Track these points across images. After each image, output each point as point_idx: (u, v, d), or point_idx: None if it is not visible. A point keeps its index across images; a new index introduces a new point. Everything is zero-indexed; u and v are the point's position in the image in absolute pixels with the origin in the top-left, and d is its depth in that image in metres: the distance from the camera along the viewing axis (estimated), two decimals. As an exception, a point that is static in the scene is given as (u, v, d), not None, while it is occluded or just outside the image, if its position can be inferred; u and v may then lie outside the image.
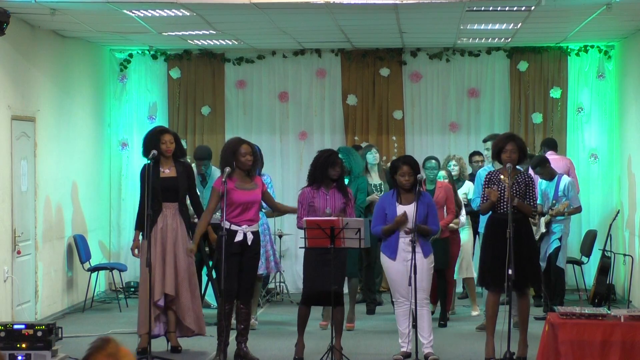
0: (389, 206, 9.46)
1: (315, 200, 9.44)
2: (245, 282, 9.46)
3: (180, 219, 9.74)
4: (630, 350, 8.32)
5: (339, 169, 9.50)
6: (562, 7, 10.74)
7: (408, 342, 9.49)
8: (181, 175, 9.76)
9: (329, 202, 9.44)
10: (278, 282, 13.72)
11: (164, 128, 10.19)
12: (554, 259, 11.99)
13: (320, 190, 9.48)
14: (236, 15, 11.24)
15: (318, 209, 9.40)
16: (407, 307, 9.46)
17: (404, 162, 9.45)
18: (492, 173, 9.68)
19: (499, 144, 9.53)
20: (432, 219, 9.44)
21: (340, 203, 9.45)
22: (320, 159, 9.54)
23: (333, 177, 9.46)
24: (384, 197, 9.78)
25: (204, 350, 10.02)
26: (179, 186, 9.72)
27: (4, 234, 10.93)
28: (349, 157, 11.33)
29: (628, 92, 13.36)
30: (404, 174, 9.37)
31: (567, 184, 12.15)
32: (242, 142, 9.47)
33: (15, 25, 10.79)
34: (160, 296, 9.64)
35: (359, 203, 11.24)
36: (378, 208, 9.63)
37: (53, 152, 12.37)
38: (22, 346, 8.90)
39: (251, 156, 9.39)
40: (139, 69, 14.86)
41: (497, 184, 9.47)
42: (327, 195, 9.46)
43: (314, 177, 9.54)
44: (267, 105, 14.82)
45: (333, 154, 9.60)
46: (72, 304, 12.99)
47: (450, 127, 14.67)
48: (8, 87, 11.12)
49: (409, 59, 14.68)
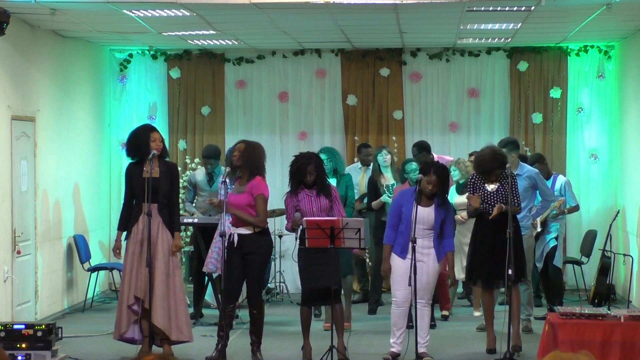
0: (406, 204, 9.40)
1: (301, 203, 9.49)
2: (249, 285, 9.44)
3: (161, 220, 9.48)
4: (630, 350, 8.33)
5: (311, 176, 9.48)
6: (562, 7, 10.74)
7: (400, 343, 9.52)
8: (164, 175, 9.52)
9: (314, 203, 9.45)
10: (278, 282, 13.72)
11: (152, 126, 9.92)
12: (551, 259, 12.00)
13: (303, 192, 9.50)
14: (236, 15, 11.24)
15: (305, 211, 9.43)
16: (405, 308, 9.49)
17: (435, 172, 9.38)
18: (475, 178, 9.83)
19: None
20: (448, 228, 9.45)
21: (325, 203, 9.46)
22: (292, 170, 9.60)
23: (309, 182, 9.48)
24: (403, 193, 9.69)
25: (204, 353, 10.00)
26: (160, 187, 9.46)
27: (4, 234, 10.93)
28: (333, 157, 11.33)
29: (628, 92, 13.36)
30: (431, 183, 9.34)
31: (563, 183, 12.18)
32: (236, 146, 9.52)
33: (15, 25, 10.79)
34: (133, 300, 9.40)
35: (350, 200, 11.25)
36: (395, 204, 9.58)
37: (53, 152, 12.37)
38: (22, 346, 8.91)
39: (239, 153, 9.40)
40: (139, 69, 14.85)
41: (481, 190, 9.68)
42: (311, 197, 9.48)
43: (292, 183, 9.59)
44: (267, 105, 14.82)
45: (302, 165, 9.53)
46: (72, 304, 12.98)
47: (450, 127, 14.67)
48: (8, 87, 11.12)
49: (409, 59, 14.67)
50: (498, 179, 9.71)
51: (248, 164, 9.41)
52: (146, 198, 9.34)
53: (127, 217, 9.55)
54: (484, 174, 9.79)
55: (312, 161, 9.54)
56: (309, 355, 9.54)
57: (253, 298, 9.47)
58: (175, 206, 9.65)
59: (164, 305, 9.36)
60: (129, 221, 9.54)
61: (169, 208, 9.53)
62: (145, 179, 9.39)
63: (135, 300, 9.41)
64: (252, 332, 9.50)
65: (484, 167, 9.76)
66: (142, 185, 9.39)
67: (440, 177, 9.35)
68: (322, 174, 9.62)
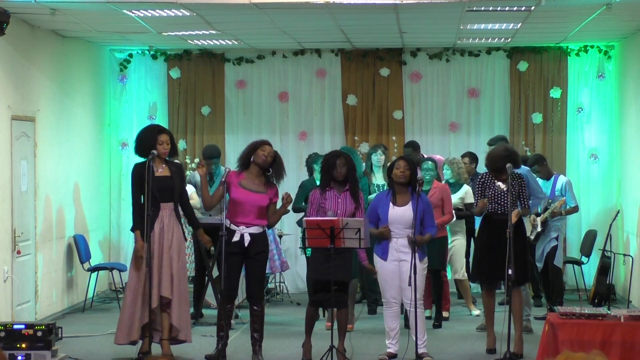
0: (382, 207, 9.45)
1: (326, 202, 9.46)
2: (253, 283, 9.45)
3: (176, 220, 9.53)
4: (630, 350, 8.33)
5: (341, 170, 9.45)
6: (562, 7, 10.74)
7: (395, 343, 9.53)
8: (175, 174, 9.56)
9: (339, 205, 9.43)
10: (278, 282, 13.73)
11: (161, 127, 9.90)
12: (551, 259, 12.00)
13: (331, 191, 9.48)
14: (236, 15, 11.24)
15: (327, 209, 9.42)
16: (397, 308, 9.54)
17: (400, 158, 9.60)
18: (485, 176, 9.79)
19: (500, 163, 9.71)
20: (428, 220, 9.45)
21: (350, 207, 9.43)
22: (323, 162, 9.61)
23: (337, 178, 9.44)
24: (378, 197, 9.75)
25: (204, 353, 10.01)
26: (174, 185, 9.50)
27: (4, 234, 10.93)
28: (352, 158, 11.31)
29: (628, 92, 13.36)
30: (399, 167, 9.38)
31: (564, 183, 12.17)
32: (266, 143, 9.50)
33: (15, 25, 10.79)
34: (157, 302, 9.36)
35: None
36: (371, 208, 9.62)
37: (53, 152, 12.37)
38: (22, 346, 8.91)
39: (272, 158, 9.39)
40: (139, 69, 14.85)
41: (491, 189, 9.64)
42: (338, 198, 9.46)
43: (322, 180, 9.58)
44: (267, 105, 14.82)
45: (333, 157, 9.55)
46: (72, 304, 12.98)
47: (450, 127, 14.67)
48: (8, 87, 11.12)
49: (409, 59, 14.67)
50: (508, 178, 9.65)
51: (276, 171, 9.50)
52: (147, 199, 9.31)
53: (143, 216, 9.37)
54: (496, 172, 9.76)
55: (341, 156, 9.53)
56: (309, 354, 9.54)
57: (256, 296, 9.47)
58: (189, 204, 9.79)
59: (177, 306, 9.43)
60: (144, 221, 9.40)
61: (182, 207, 9.63)
62: (158, 178, 9.38)
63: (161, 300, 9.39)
64: (255, 330, 9.48)
65: (496, 164, 9.72)
66: (158, 185, 9.37)
67: (407, 160, 9.47)
68: (353, 172, 9.53)
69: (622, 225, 13.37)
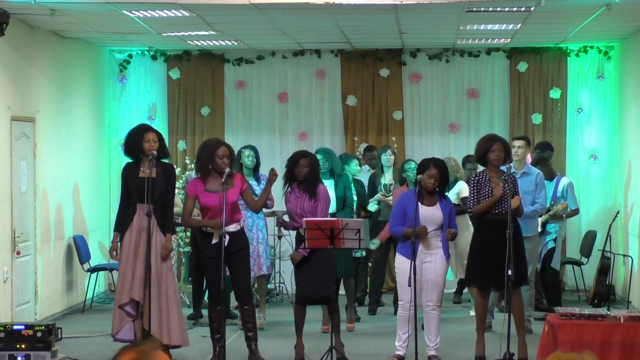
0: (410, 205, 9.34)
1: (290, 202, 9.52)
2: (239, 282, 9.41)
3: (155, 222, 9.26)
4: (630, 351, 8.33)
5: (302, 170, 9.45)
6: (562, 7, 10.74)
7: (405, 347, 9.46)
8: (160, 176, 9.32)
9: (299, 203, 9.45)
10: (278, 283, 13.72)
11: (148, 126, 9.72)
12: (549, 261, 11.99)
13: (294, 193, 9.53)
14: (236, 15, 11.24)
15: (289, 209, 9.51)
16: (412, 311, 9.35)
17: (435, 165, 9.33)
18: (480, 174, 9.62)
19: (484, 145, 9.53)
20: (452, 222, 9.44)
21: (308, 205, 9.44)
22: (288, 159, 9.63)
23: (298, 177, 9.47)
24: (404, 196, 9.61)
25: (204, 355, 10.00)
26: (155, 187, 9.26)
27: (4, 235, 10.93)
28: (329, 157, 11.29)
29: (628, 92, 13.36)
30: (432, 177, 9.29)
31: (566, 185, 12.15)
32: (221, 144, 9.37)
33: (15, 25, 10.79)
34: (127, 300, 9.20)
35: (348, 201, 11.24)
36: (398, 207, 9.48)
37: (53, 152, 12.37)
38: (21, 347, 8.91)
39: (228, 159, 9.27)
40: (139, 69, 14.86)
41: (487, 186, 9.48)
42: (298, 197, 9.49)
43: (285, 177, 9.61)
44: (267, 105, 14.82)
45: (298, 155, 9.57)
46: (72, 305, 12.98)
47: (450, 128, 14.67)
48: (8, 88, 11.12)
49: (409, 60, 14.68)
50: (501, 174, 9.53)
51: (232, 165, 9.45)
52: (146, 199, 9.26)
53: (124, 218, 9.36)
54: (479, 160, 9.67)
55: (307, 156, 9.54)
56: (301, 354, 9.53)
57: (244, 295, 9.41)
58: (169, 207, 9.43)
59: (155, 309, 9.19)
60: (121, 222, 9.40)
61: (162, 209, 9.36)
62: (141, 179, 9.25)
63: (130, 301, 9.24)
64: (249, 330, 9.45)
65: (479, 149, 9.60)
66: (139, 185, 9.25)
67: (441, 169, 9.33)
68: (315, 173, 9.53)
69: (621, 225, 13.37)
